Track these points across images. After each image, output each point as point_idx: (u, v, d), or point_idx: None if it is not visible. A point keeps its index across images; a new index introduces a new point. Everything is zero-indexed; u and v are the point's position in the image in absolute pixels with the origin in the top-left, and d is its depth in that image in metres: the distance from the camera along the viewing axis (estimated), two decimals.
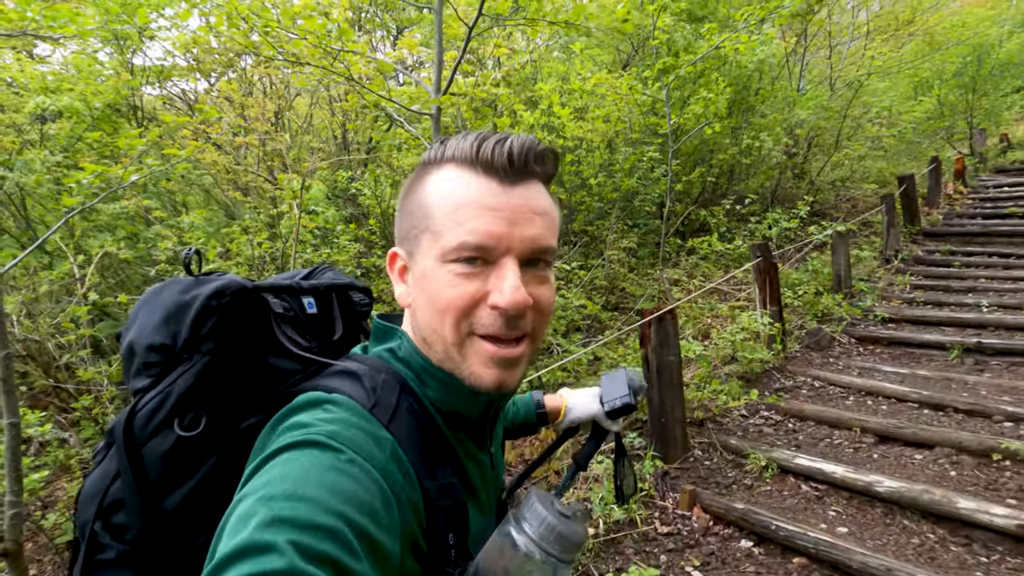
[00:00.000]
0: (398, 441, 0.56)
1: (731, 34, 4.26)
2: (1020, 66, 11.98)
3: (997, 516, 2.39)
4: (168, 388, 0.59)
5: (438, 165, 0.61)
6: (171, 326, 0.61)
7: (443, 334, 0.58)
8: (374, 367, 0.63)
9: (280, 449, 0.49)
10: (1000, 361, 4.26)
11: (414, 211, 0.62)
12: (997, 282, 5.82)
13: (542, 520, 0.56)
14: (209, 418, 0.59)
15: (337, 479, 0.46)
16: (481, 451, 0.70)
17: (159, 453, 0.57)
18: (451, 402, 0.63)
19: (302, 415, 0.54)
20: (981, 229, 7.63)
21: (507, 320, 0.57)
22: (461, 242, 0.55)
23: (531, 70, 6.53)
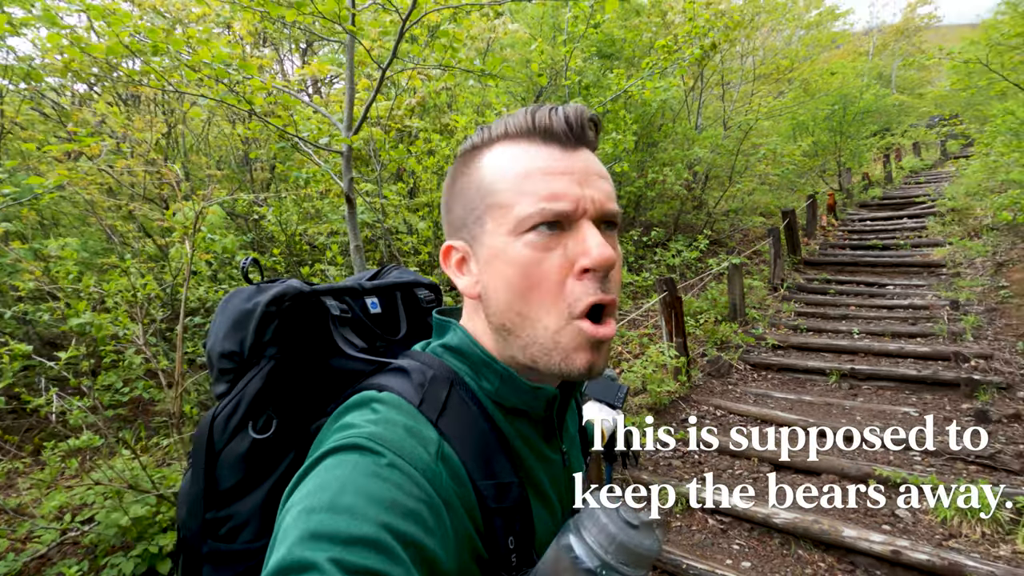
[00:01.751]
0: (447, 439, 0.54)
1: (638, 80, 4.48)
2: (876, 114, 13.75)
3: (875, 543, 2.62)
4: (241, 392, 0.61)
5: (487, 146, 0.60)
6: (238, 333, 0.63)
7: (534, 317, 0.56)
8: (426, 362, 0.61)
9: (323, 455, 0.49)
10: (870, 385, 4.76)
11: (470, 195, 0.60)
12: (865, 310, 6.53)
13: (603, 528, 0.50)
14: (280, 420, 0.61)
15: (377, 485, 0.45)
16: (551, 448, 0.66)
17: (238, 455, 0.60)
18: (510, 397, 0.61)
19: (349, 415, 0.54)
20: (850, 259, 8.57)
21: (599, 282, 0.55)
22: (538, 208, 0.54)
23: (447, 97, 6.51)
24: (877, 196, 12.42)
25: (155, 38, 2.47)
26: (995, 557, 2.48)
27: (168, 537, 3.11)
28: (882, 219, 10.64)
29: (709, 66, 9.20)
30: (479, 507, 0.53)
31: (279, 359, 0.62)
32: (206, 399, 4.27)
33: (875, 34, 22.06)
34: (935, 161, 16.14)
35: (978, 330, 5.32)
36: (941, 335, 5.30)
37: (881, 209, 11.51)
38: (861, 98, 12.09)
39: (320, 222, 5.18)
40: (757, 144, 9.43)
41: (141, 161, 3.34)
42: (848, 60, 16.55)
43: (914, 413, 4.08)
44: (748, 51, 11.09)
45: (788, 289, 7.50)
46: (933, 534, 2.72)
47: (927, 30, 22.33)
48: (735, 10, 8.64)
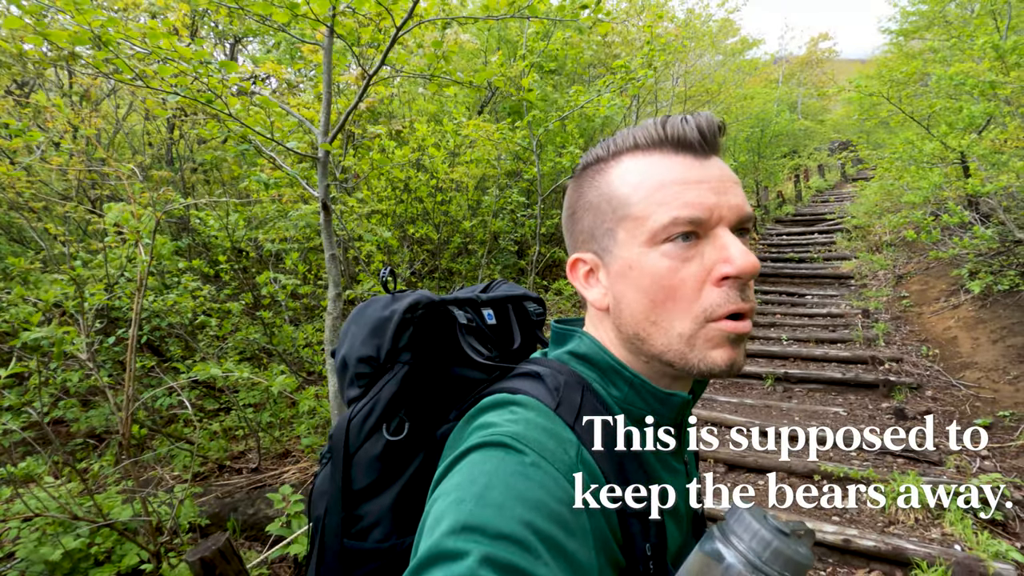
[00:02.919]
0: (584, 442, 0.54)
1: (592, 97, 4.65)
2: (786, 137, 14.99)
3: (828, 534, 2.85)
4: (376, 396, 0.63)
5: (615, 159, 0.60)
6: (375, 339, 0.66)
7: (668, 325, 0.56)
8: (555, 368, 0.62)
9: (469, 450, 0.49)
10: (802, 388, 5.16)
11: (599, 207, 0.60)
12: (790, 318, 7.08)
13: (755, 534, 0.48)
14: (412, 423, 0.63)
15: (522, 484, 0.45)
16: (675, 459, 0.66)
17: (372, 456, 0.62)
18: (639, 404, 0.61)
19: (489, 415, 0.55)
20: (772, 271, 9.26)
21: (740, 290, 0.55)
22: (673, 218, 0.54)
23: (396, 104, 6.42)
24: (790, 212, 13.50)
25: (112, 24, 2.30)
26: (929, 540, 2.78)
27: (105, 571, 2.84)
28: (796, 234, 11.58)
29: (646, 86, 9.67)
30: (616, 512, 0.53)
31: (412, 364, 0.65)
32: (147, 419, 3.93)
33: (783, 64, 24.09)
34: (837, 182, 17.80)
35: (888, 336, 5.92)
36: (857, 341, 5.85)
37: (795, 225, 12.53)
38: (775, 122, 13.16)
39: (268, 228, 4.93)
40: None
41: (79, 159, 3.04)
42: (761, 87, 17.96)
43: (843, 413, 4.48)
44: (679, 74, 11.76)
45: None
46: (875, 522, 3.00)
47: (827, 62, 24.72)
48: (671, 34, 9.14)
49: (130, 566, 2.88)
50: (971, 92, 5.69)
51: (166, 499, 3.05)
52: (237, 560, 1.65)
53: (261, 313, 3.91)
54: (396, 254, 5.86)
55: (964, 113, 6.08)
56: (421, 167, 5.39)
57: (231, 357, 4.17)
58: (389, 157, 4.71)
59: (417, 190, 5.26)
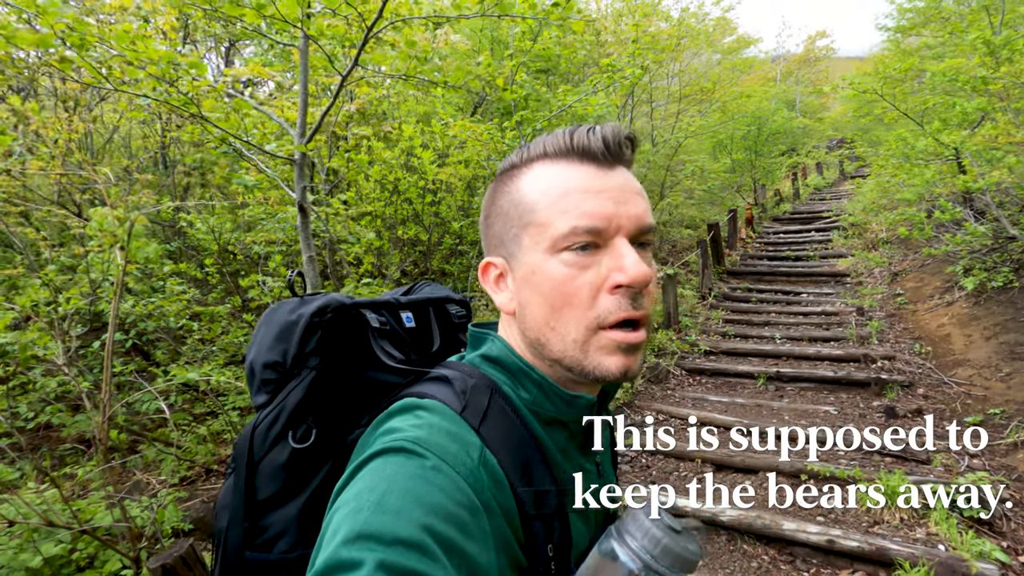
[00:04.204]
0: (489, 445, 0.55)
1: (581, 96, 4.63)
2: (784, 135, 14.94)
3: (812, 534, 2.82)
4: (282, 403, 0.62)
5: (527, 165, 0.61)
6: (282, 344, 0.64)
7: (563, 331, 0.57)
8: (465, 372, 0.62)
9: (370, 457, 0.49)
10: (793, 387, 5.14)
11: (508, 212, 0.61)
12: (784, 316, 7.05)
13: (646, 532, 0.50)
14: (319, 430, 0.62)
15: (422, 487, 0.46)
16: (586, 458, 0.67)
17: (277, 465, 0.60)
18: (547, 406, 0.62)
19: (394, 420, 0.55)
20: (768, 269, 9.23)
21: (632, 299, 0.56)
22: (573, 226, 0.55)
23: (387, 105, 6.41)
24: (788, 211, 13.47)
25: (83, 29, 2.29)
26: (913, 540, 2.75)
27: None
28: (793, 232, 11.55)
29: (639, 85, 9.65)
30: (518, 513, 0.54)
31: (320, 370, 0.64)
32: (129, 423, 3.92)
33: (781, 62, 24.04)
34: (835, 180, 17.76)
35: (881, 334, 5.89)
36: (851, 339, 5.82)
37: (792, 223, 12.50)
38: (772, 120, 13.12)
39: (256, 231, 4.93)
40: (683, 160, 9.97)
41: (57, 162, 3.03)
42: (759, 85, 17.91)
43: (833, 411, 4.45)
44: (674, 73, 11.74)
45: (716, 297, 7.96)
46: (860, 522, 2.97)
47: (825, 60, 24.65)
48: (664, 33, 9.12)
49: (112, 572, 2.87)
50: (963, 88, 5.66)
51: (148, 504, 3.04)
52: (200, 567, 1.64)
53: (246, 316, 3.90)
54: (386, 256, 5.85)
55: (957, 110, 6.04)
56: (411, 168, 5.38)
57: (218, 360, 4.16)
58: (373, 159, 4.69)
59: (406, 191, 5.25)
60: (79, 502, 2.98)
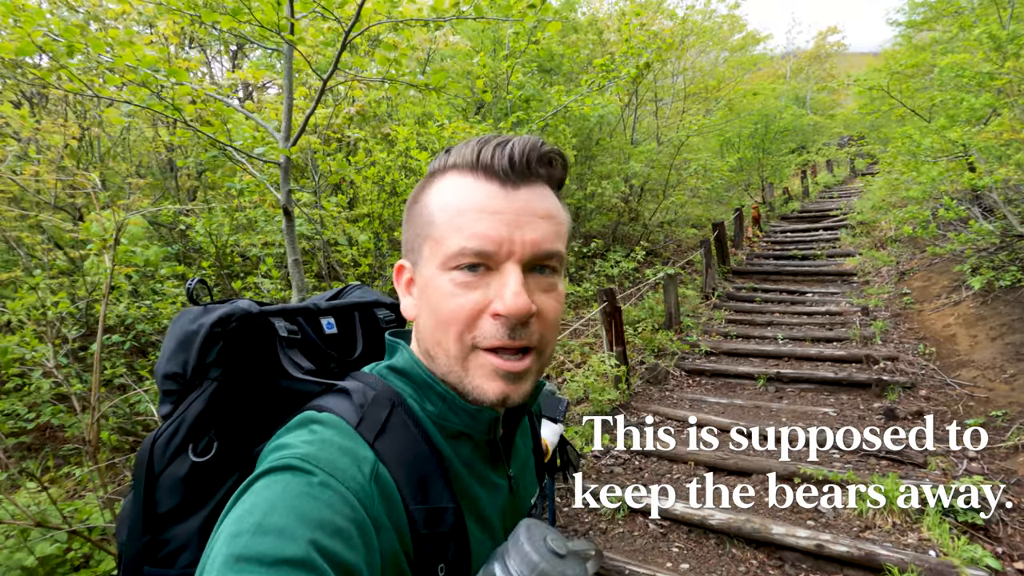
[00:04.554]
0: (384, 460, 0.54)
1: (576, 96, 4.61)
2: (793, 132, 14.77)
3: (801, 538, 2.78)
4: (182, 414, 0.60)
5: (442, 173, 0.60)
6: (182, 354, 0.62)
7: (446, 347, 0.57)
8: (369, 383, 0.61)
9: (256, 478, 0.49)
10: (794, 388, 5.07)
11: (416, 220, 0.61)
12: (788, 316, 6.96)
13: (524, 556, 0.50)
14: (221, 443, 0.61)
15: (307, 504, 0.45)
16: (496, 474, 0.67)
17: (176, 478, 0.59)
18: (452, 419, 0.61)
19: (288, 435, 0.54)
20: (774, 268, 9.13)
21: (510, 329, 0.55)
22: (461, 247, 0.54)
23: (387, 107, 6.43)
24: (796, 209, 13.32)
25: (70, 37, 2.32)
26: (904, 545, 2.70)
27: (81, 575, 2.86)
28: (801, 231, 11.42)
29: (643, 84, 9.60)
30: (410, 531, 0.53)
31: (222, 381, 0.62)
32: (124, 423, 3.98)
33: (791, 59, 23.76)
34: (846, 177, 17.52)
35: (886, 334, 5.80)
36: (854, 339, 5.74)
37: (800, 221, 12.35)
38: (780, 118, 12.98)
39: (254, 233, 4.97)
40: (688, 159, 9.90)
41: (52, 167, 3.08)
42: (768, 82, 17.73)
43: (832, 413, 4.39)
44: (678, 71, 11.66)
45: (719, 297, 7.89)
46: (851, 527, 2.92)
47: (836, 56, 24.34)
48: (667, 31, 9.05)
49: (108, 571, 2.91)
50: (969, 84, 5.55)
51: None
52: None
53: None
54: (387, 258, 5.87)
55: (965, 106, 5.93)
56: (409, 170, 5.39)
57: None
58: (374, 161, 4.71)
59: (404, 193, 5.26)
60: (76, 502, 3.03)
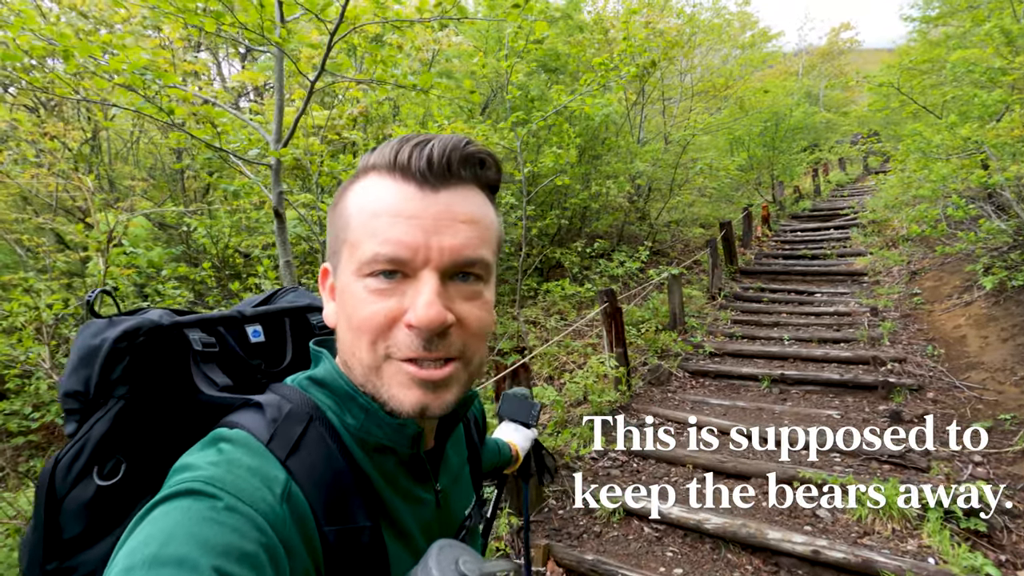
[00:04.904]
0: (297, 479, 0.51)
1: (576, 96, 4.58)
2: (805, 130, 14.56)
3: (797, 544, 2.73)
4: (86, 435, 0.57)
5: (364, 174, 0.57)
6: (83, 371, 0.58)
7: (360, 356, 0.55)
8: (285, 396, 0.58)
9: (154, 504, 0.45)
10: (798, 390, 4.99)
11: (336, 223, 0.58)
12: (795, 317, 6.87)
13: None
14: (130, 464, 0.57)
15: (211, 530, 0.42)
16: (422, 488, 0.64)
17: (81, 503, 0.55)
18: (375, 433, 0.57)
19: (192, 456, 0.51)
20: (783, 268, 9.01)
21: (425, 341, 0.52)
22: (375, 253, 0.52)
23: (389, 108, 6.44)
24: (807, 208, 13.14)
25: (65, 43, 2.34)
26: (903, 552, 2.64)
27: None
28: (811, 230, 11.26)
29: (650, 82, 9.52)
30: (323, 552, 0.51)
31: (129, 399, 0.58)
32: None
33: (803, 55, 23.46)
34: (858, 175, 17.27)
35: (894, 335, 5.69)
36: (862, 340, 5.64)
37: (811, 220, 12.19)
38: (791, 115, 12.80)
39: (256, 234, 5.01)
40: (695, 158, 9.81)
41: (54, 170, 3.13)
42: (780, 79, 17.53)
43: (836, 416, 4.31)
44: (686, 69, 11.56)
45: (725, 298, 7.80)
46: (850, 532, 2.87)
47: (850, 53, 23.98)
48: (673, 29, 8.97)
49: None
50: (981, 79, 5.43)
51: None
52: None
53: None
54: None
55: (977, 102, 5.80)
56: None
57: None
58: None
59: None
60: None
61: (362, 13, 2.21)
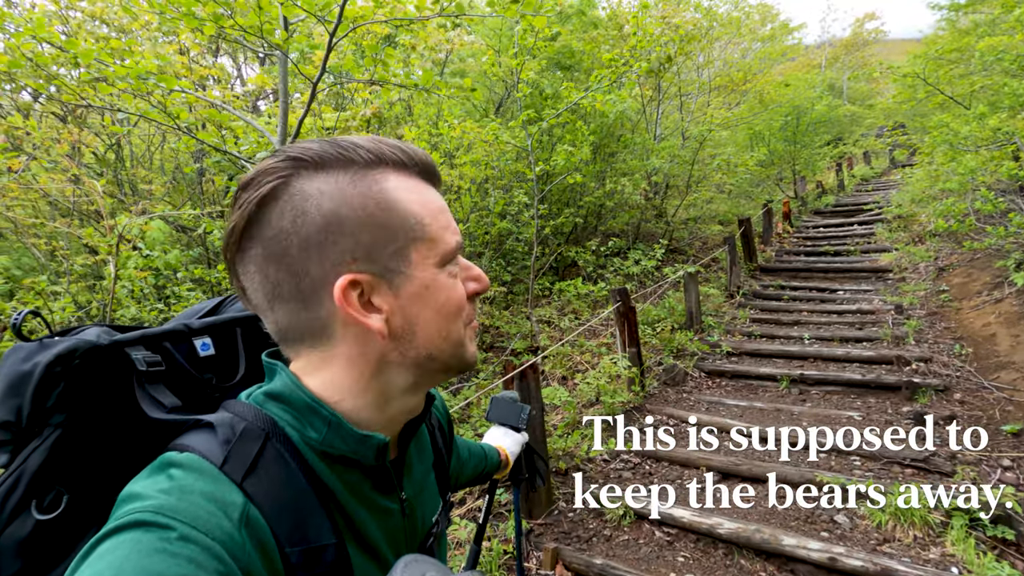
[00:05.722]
0: (255, 501, 0.49)
1: (586, 93, 4.52)
2: (828, 124, 14.23)
3: (813, 551, 2.65)
4: (20, 467, 0.53)
5: (379, 170, 0.56)
6: (14, 399, 0.54)
7: (456, 336, 0.61)
8: (240, 414, 0.55)
9: (101, 538, 0.42)
10: (818, 390, 4.87)
11: (383, 223, 0.54)
12: (816, 315, 6.70)
13: None
14: (72, 495, 0.54)
15: (163, 563, 0.40)
16: (387, 498, 0.63)
17: (17, 540, 0.52)
18: (338, 446, 0.56)
19: (141, 483, 0.48)
20: (804, 265, 8.81)
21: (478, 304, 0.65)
22: (457, 242, 0.60)
23: (402, 108, 6.46)
24: (830, 203, 12.84)
25: (73, 48, 2.38)
26: (925, 560, 2.54)
27: None
28: (834, 226, 10.99)
29: (666, 77, 9.39)
30: (286, 574, 0.50)
31: (67, 427, 0.54)
32: None
33: (826, 47, 22.94)
34: (884, 169, 16.81)
35: (920, 333, 5.51)
36: (885, 339, 5.48)
37: (834, 216, 11.90)
38: (813, 109, 12.52)
39: None
40: (713, 154, 9.65)
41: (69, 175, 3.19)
42: (802, 72, 17.14)
43: (858, 417, 4.19)
44: (704, 63, 11.37)
45: (744, 296, 7.65)
46: (869, 539, 2.77)
47: (875, 44, 23.35)
48: (689, 23, 8.83)
49: None
50: (1011, 67, 5.22)
51: None
52: None
53: None
54: None
55: (1007, 91, 5.58)
56: None
57: None
58: None
59: None
60: None
61: (365, 13, 2.20)
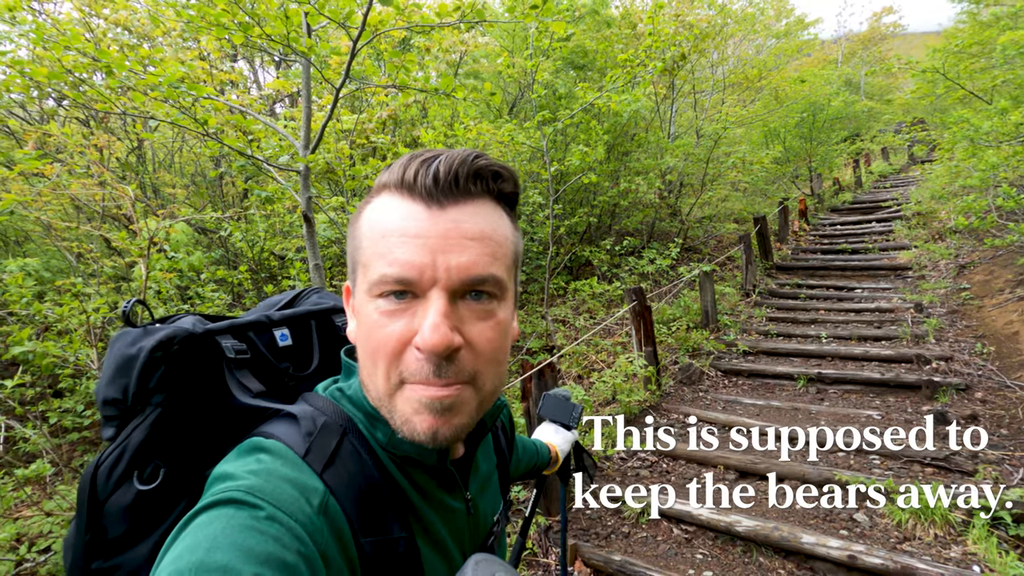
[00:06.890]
0: (333, 491, 0.52)
1: (601, 94, 4.54)
2: (845, 120, 14.05)
3: (833, 549, 2.66)
4: (125, 441, 0.58)
5: (377, 193, 0.57)
6: (121, 379, 0.59)
7: (377, 383, 0.55)
8: (320, 408, 0.59)
9: (197, 512, 0.46)
10: (836, 389, 4.84)
11: (351, 243, 0.58)
12: (833, 314, 6.65)
13: None
14: (169, 469, 0.58)
15: (253, 539, 0.43)
16: (452, 497, 0.65)
17: (121, 507, 0.57)
18: (404, 447, 0.58)
19: (232, 465, 0.52)
20: (821, 263, 8.73)
21: (435, 366, 0.51)
22: (382, 275, 0.51)
23: (417, 110, 6.52)
24: (847, 201, 12.68)
25: (107, 58, 2.46)
26: (945, 559, 2.54)
27: None
28: (852, 223, 10.86)
29: (680, 76, 9.36)
30: (360, 563, 0.52)
31: (166, 407, 0.59)
32: None
33: (843, 42, 22.63)
34: (903, 165, 16.55)
35: (940, 332, 5.45)
36: (905, 338, 5.42)
37: (851, 213, 11.76)
38: (830, 105, 12.38)
39: (291, 237, 5.15)
40: (728, 152, 9.60)
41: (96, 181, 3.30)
42: (818, 68, 16.94)
43: (877, 416, 4.16)
44: (718, 61, 11.30)
45: (760, 295, 7.61)
46: (888, 537, 2.77)
47: (893, 38, 23.00)
48: (703, 21, 8.79)
49: None
50: None
51: None
52: None
53: None
54: None
55: None
56: None
57: None
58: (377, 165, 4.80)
59: None
60: None
61: (387, 19, 2.25)
